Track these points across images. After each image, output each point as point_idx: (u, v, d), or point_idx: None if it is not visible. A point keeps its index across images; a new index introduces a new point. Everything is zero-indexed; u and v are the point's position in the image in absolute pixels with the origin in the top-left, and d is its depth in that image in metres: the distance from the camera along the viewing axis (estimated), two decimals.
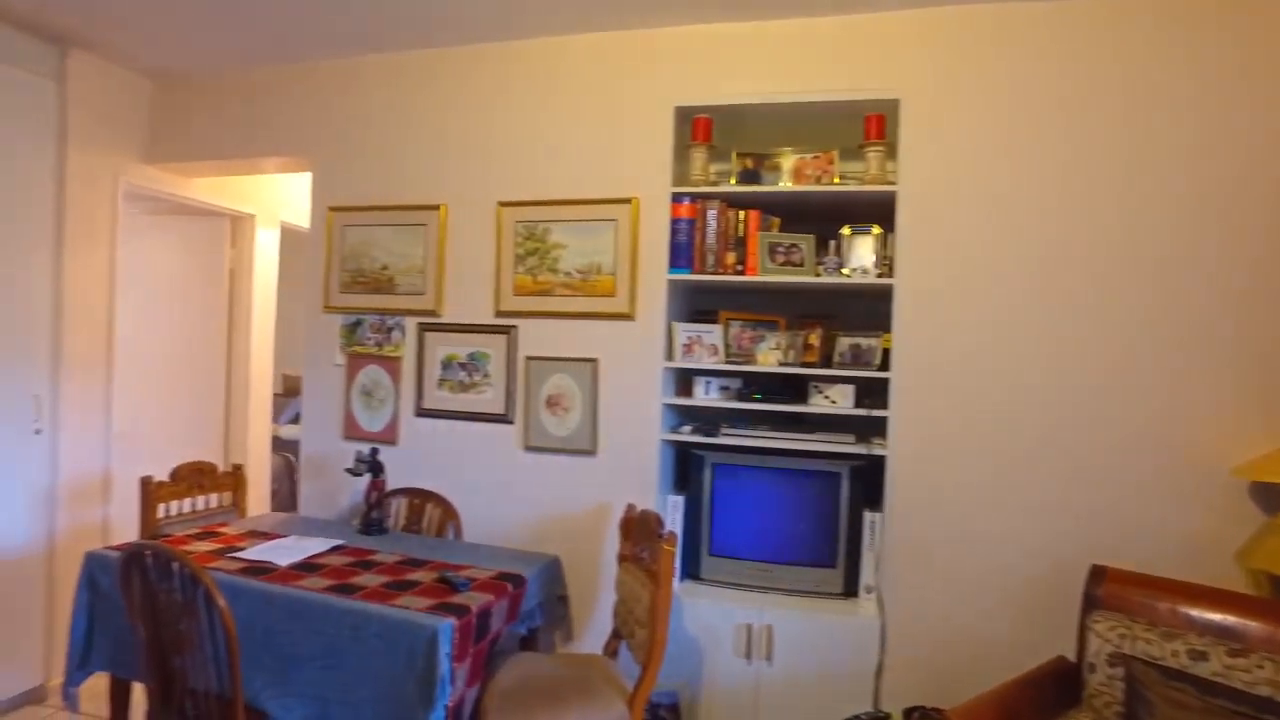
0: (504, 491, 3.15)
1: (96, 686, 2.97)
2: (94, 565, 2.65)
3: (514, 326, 3.11)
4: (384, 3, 2.89)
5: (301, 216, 4.81)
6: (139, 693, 2.76)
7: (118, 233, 3.72)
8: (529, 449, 3.10)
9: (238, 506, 3.33)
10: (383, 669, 2.20)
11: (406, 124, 3.33)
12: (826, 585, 2.82)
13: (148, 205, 4.25)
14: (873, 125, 2.72)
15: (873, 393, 2.81)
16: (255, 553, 2.69)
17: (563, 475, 3.07)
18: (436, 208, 3.21)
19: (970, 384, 2.68)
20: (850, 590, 2.79)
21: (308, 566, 2.58)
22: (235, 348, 4.55)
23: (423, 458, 3.26)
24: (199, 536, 2.91)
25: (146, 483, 2.96)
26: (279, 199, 4.69)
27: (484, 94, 3.22)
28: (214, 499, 3.24)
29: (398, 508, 3.22)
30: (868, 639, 2.65)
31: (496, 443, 3.15)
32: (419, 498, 3.21)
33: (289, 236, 4.82)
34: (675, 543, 2.37)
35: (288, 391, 6.37)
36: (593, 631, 3.04)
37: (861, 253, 2.79)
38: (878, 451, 2.74)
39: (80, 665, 2.64)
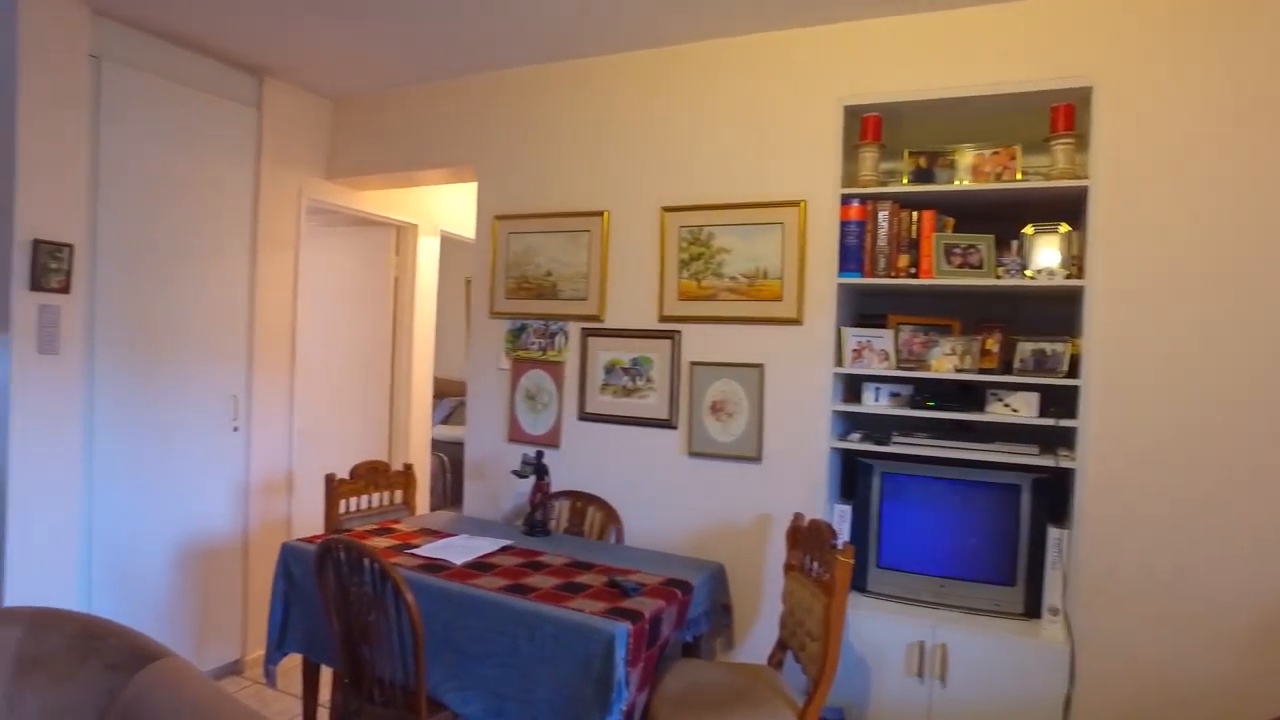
0: (665, 496, 3.15)
1: (290, 665, 3.18)
2: (289, 556, 2.84)
3: (678, 331, 3.11)
4: (544, 16, 2.96)
5: (459, 225, 5.02)
6: (326, 673, 2.94)
7: (300, 243, 3.98)
8: (692, 455, 3.09)
9: (408, 504, 3.49)
10: (558, 670, 2.23)
11: (567, 132, 3.40)
12: (1005, 604, 2.66)
13: (323, 217, 4.54)
14: (1060, 116, 2.55)
15: (1058, 401, 2.63)
16: (430, 550, 2.81)
17: (726, 481, 3.04)
18: (599, 214, 3.26)
19: (1174, 394, 2.46)
20: (1032, 611, 2.62)
21: (481, 565, 2.67)
22: (399, 351, 4.79)
23: (585, 461, 3.31)
24: (376, 532, 3.06)
25: (330, 480, 3.14)
26: (439, 209, 4.90)
27: (643, 100, 3.24)
28: (387, 496, 3.41)
29: (560, 510, 3.29)
30: (1054, 666, 2.48)
31: (659, 448, 3.15)
32: (581, 500, 3.26)
33: (445, 245, 5.03)
34: (852, 554, 2.30)
35: (438, 393, 6.66)
36: (754, 641, 2.99)
37: (1046, 253, 2.62)
38: (1065, 464, 2.56)
39: (278, 646, 2.83)
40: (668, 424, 3.13)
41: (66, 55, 3.02)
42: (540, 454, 3.13)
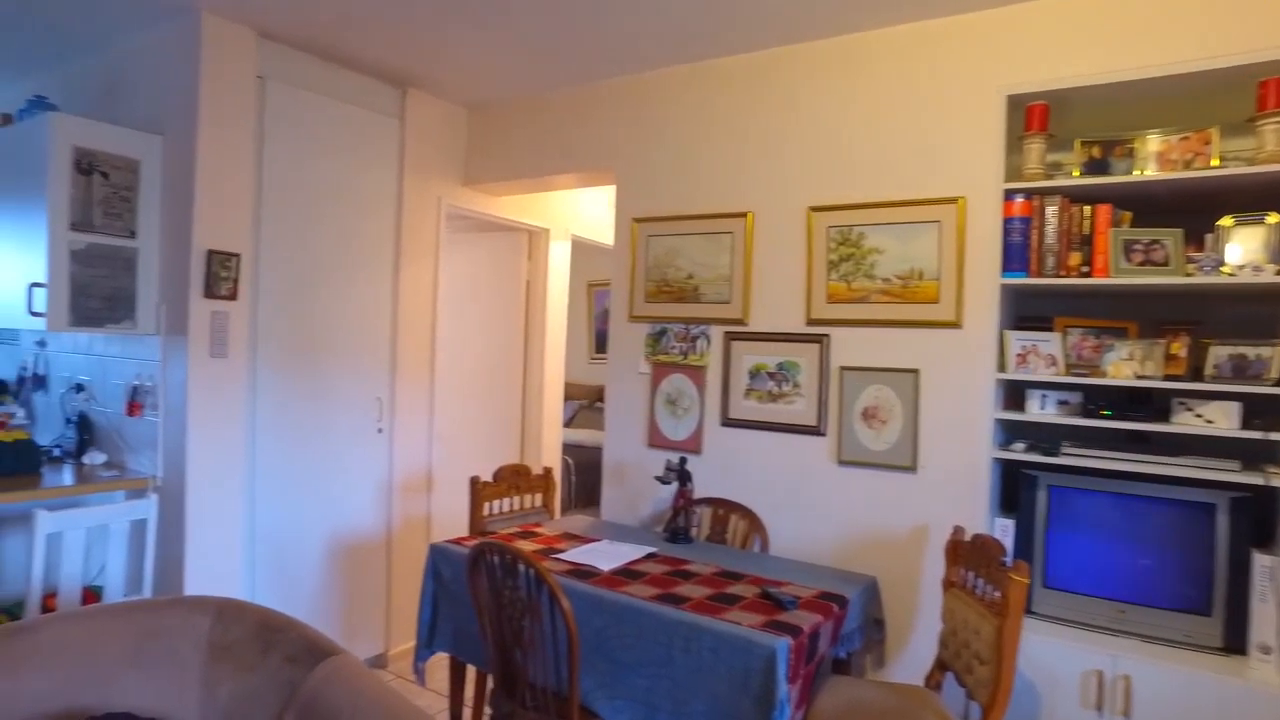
0: (813, 505, 3.05)
1: (436, 662, 3.24)
2: (437, 557, 2.89)
3: (826, 335, 3.00)
4: (688, 16, 2.91)
5: (587, 229, 5.04)
6: (471, 673, 2.98)
7: (440, 250, 4.08)
8: (842, 463, 2.97)
9: (547, 507, 3.51)
10: (715, 684, 2.17)
11: (707, 133, 3.34)
12: (1200, 636, 2.42)
13: (458, 223, 4.64)
14: (1271, 91, 2.30)
15: (1263, 411, 2.38)
16: (576, 555, 2.80)
17: (878, 491, 2.91)
18: (742, 215, 3.19)
19: None
20: (1234, 646, 2.37)
21: (629, 573, 2.63)
22: (530, 355, 4.85)
23: (727, 468, 3.25)
24: (519, 535, 3.09)
25: (475, 482, 3.18)
26: (569, 214, 4.94)
27: (788, 97, 3.15)
28: (527, 499, 3.43)
29: (702, 517, 3.23)
30: (1267, 714, 2.23)
31: (806, 455, 3.05)
32: (723, 508, 3.19)
33: (575, 249, 5.06)
34: (1027, 574, 2.14)
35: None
36: (907, 659, 2.85)
37: (1247, 246, 2.38)
38: (1277, 482, 2.31)
39: (426, 645, 2.88)
40: (816, 430, 3.02)
41: (237, 77, 3.18)
42: (683, 460, 3.08)
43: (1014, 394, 2.79)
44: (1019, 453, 2.68)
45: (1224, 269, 2.39)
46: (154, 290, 3.22)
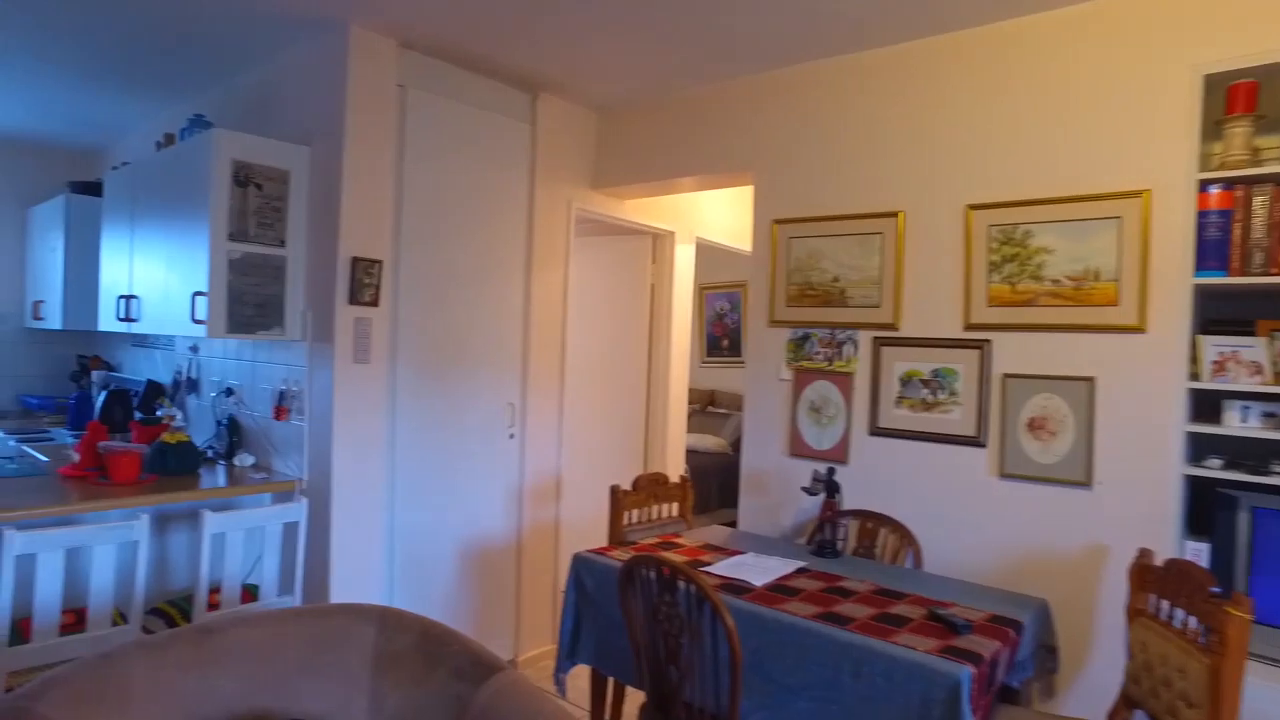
0: (972, 521, 2.86)
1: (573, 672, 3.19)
2: (580, 567, 2.84)
3: (987, 341, 2.82)
4: (822, 9, 2.78)
5: (711, 232, 4.95)
6: (611, 684, 2.92)
7: (569, 254, 4.07)
8: (1004, 476, 2.78)
9: (684, 516, 3.43)
10: (889, 713, 2.03)
11: (853, 130, 3.20)
12: None
13: (584, 227, 4.62)
14: None
15: None
16: (724, 568, 2.70)
17: (1045, 508, 2.71)
18: (893, 215, 3.03)
19: None
20: None
21: (783, 589, 2.52)
22: (655, 360, 4.79)
23: (875, 479, 3.09)
24: (660, 546, 3.01)
25: (615, 491, 3.13)
26: (693, 216, 4.86)
27: (941, 89, 2.97)
28: (664, 508, 3.36)
29: (848, 530, 3.08)
30: None
31: (963, 467, 2.87)
32: (872, 521, 3.04)
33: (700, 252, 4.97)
34: (1249, 609, 1.93)
35: None
36: (1081, 690, 2.64)
37: None
38: None
39: (568, 656, 2.84)
40: (975, 441, 2.84)
41: (381, 86, 3.23)
42: (831, 470, 2.95)
43: (1206, 405, 2.54)
44: (1216, 470, 2.43)
45: None
46: (300, 297, 3.30)
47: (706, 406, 7.54)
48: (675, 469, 4.84)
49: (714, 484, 6.19)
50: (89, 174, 5.44)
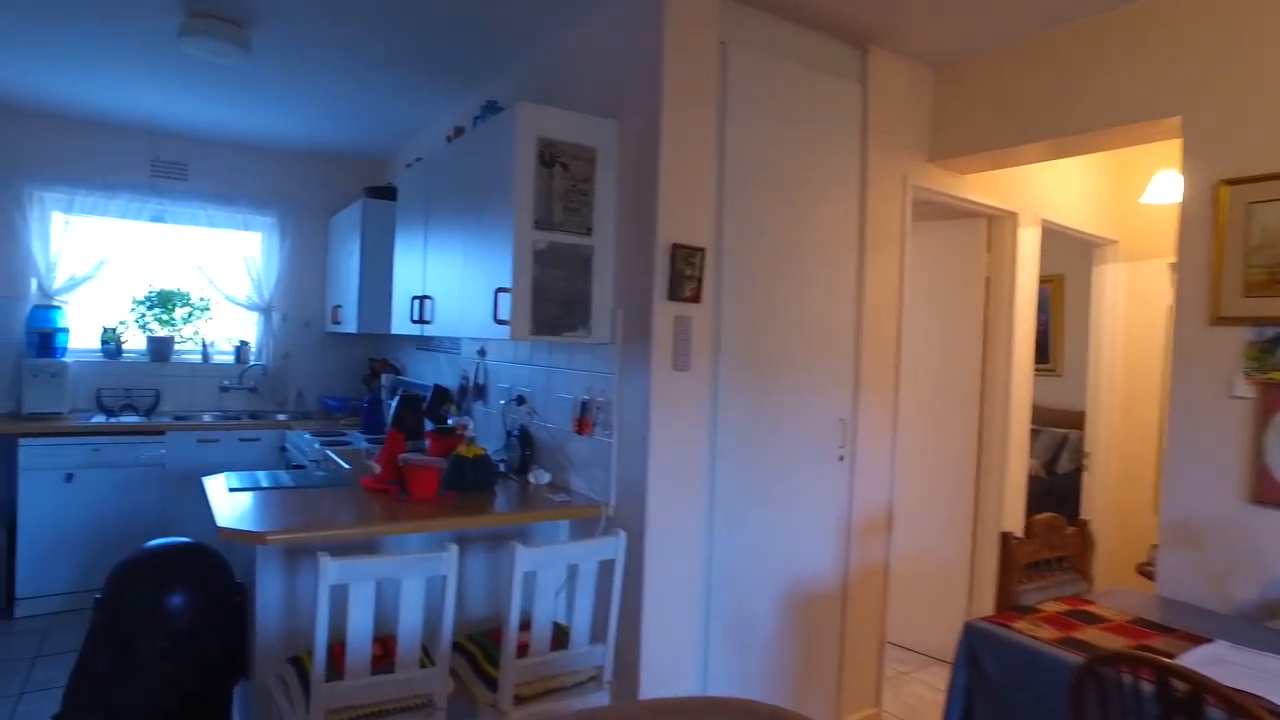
0: None
1: None
2: (977, 642, 2.13)
3: None
4: None
5: (1061, 213, 4.03)
6: None
7: (906, 240, 3.36)
8: None
9: (1083, 573, 2.60)
10: None
11: None
12: None
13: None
14: None
15: None
16: (1208, 667, 1.87)
17: None
18: None
19: None
20: None
21: None
22: (990, 368, 3.94)
23: None
24: (1070, 614, 2.23)
25: (1007, 540, 2.40)
26: (1040, 194, 3.96)
27: None
28: (1059, 561, 2.56)
29: None
30: None
31: None
32: None
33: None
34: None
35: None
36: None
37: None
38: None
39: None
40: None
41: (700, 45, 2.73)
42: None
43: None
44: None
45: None
46: (608, 294, 2.86)
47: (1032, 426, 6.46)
48: (1013, 501, 3.95)
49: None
50: (381, 181, 5.51)
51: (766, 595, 2.98)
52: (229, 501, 2.61)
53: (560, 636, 2.46)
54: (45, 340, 4.63)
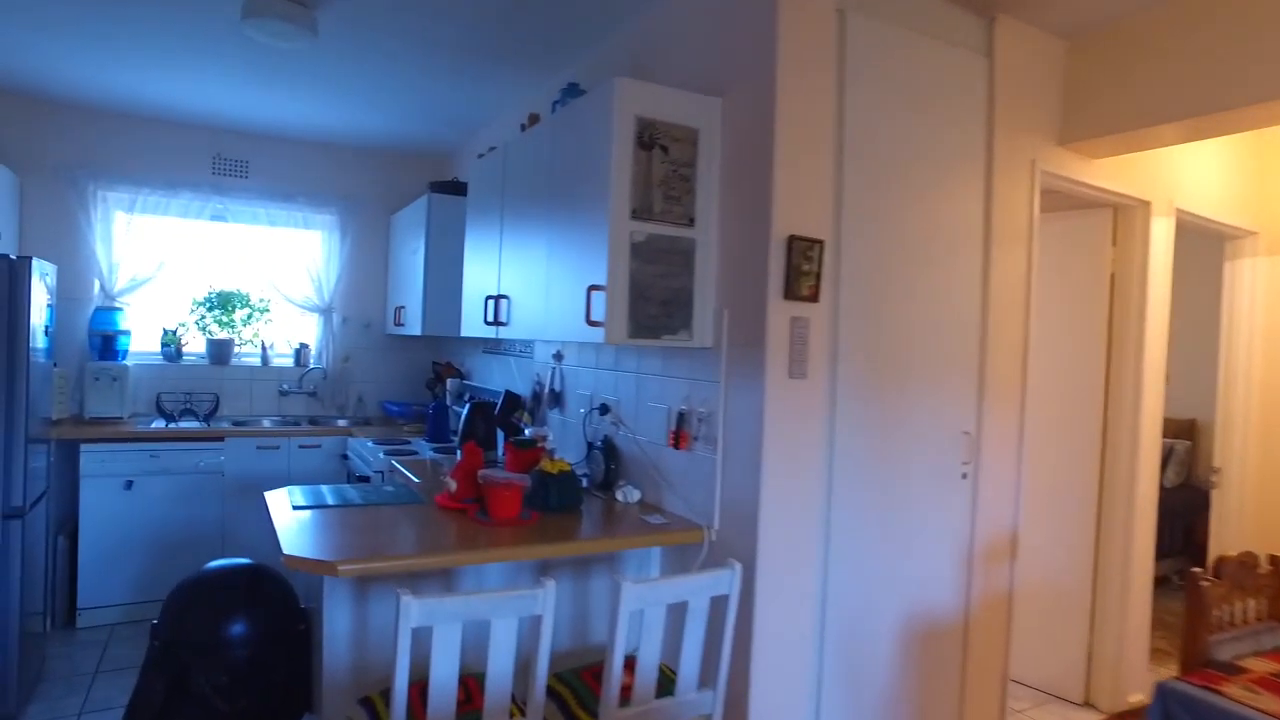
0: None
1: None
2: (1175, 706, 1.79)
3: None
4: None
5: (1199, 203, 3.63)
6: None
7: (1035, 231, 3.00)
8: None
9: (1278, 617, 2.23)
10: None
11: None
12: None
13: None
14: None
15: None
16: None
17: None
18: None
19: None
20: None
21: None
22: (1115, 376, 3.55)
23: None
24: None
25: (1195, 581, 2.04)
26: (1174, 181, 3.56)
27: None
28: (1251, 604, 2.19)
29: None
30: None
31: None
32: None
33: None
34: None
35: None
36: None
37: None
38: None
39: None
40: None
41: (817, 12, 2.42)
42: None
43: None
44: None
45: None
46: (711, 291, 2.57)
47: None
48: (1143, 523, 3.55)
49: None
50: (443, 176, 5.29)
51: (884, 631, 2.66)
52: (293, 521, 2.38)
53: (665, 681, 2.17)
54: (107, 343, 4.50)
